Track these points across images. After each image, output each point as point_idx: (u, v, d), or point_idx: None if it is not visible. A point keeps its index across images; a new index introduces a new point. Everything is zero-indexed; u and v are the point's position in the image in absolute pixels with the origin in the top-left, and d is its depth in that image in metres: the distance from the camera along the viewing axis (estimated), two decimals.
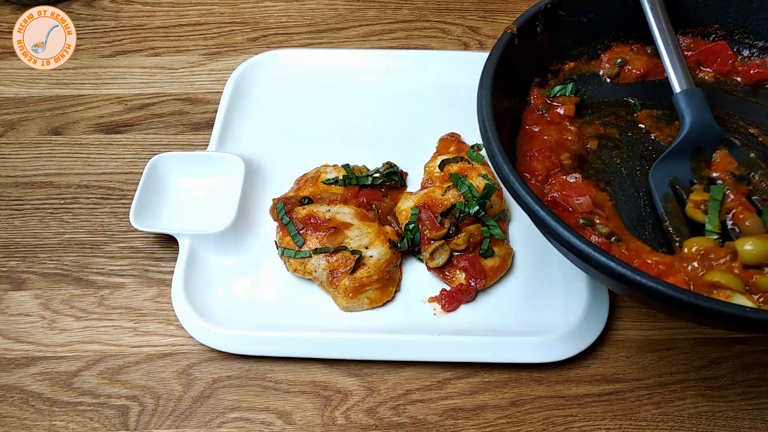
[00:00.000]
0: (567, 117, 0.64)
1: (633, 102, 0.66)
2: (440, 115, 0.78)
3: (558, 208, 0.55)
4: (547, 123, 0.63)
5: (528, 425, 0.58)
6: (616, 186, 0.59)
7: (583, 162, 0.61)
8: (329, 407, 0.59)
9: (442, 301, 0.63)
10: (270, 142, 0.77)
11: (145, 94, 0.84)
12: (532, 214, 0.49)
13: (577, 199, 0.55)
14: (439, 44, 0.90)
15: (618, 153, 0.62)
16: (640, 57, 0.68)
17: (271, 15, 0.94)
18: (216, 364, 0.62)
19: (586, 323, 0.61)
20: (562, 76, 0.67)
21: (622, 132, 0.64)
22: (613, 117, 0.65)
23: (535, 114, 0.64)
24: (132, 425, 0.59)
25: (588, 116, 0.65)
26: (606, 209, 0.56)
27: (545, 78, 0.66)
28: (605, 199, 0.57)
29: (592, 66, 0.68)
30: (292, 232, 0.64)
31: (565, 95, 0.64)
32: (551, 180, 0.57)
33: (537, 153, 0.59)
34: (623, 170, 0.61)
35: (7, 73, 0.87)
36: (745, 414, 0.59)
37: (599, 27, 0.68)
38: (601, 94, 0.67)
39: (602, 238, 0.53)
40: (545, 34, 0.64)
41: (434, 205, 0.65)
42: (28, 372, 0.62)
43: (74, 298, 0.66)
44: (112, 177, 0.76)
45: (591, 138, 0.63)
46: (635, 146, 0.63)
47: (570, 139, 0.62)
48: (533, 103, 0.64)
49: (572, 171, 0.59)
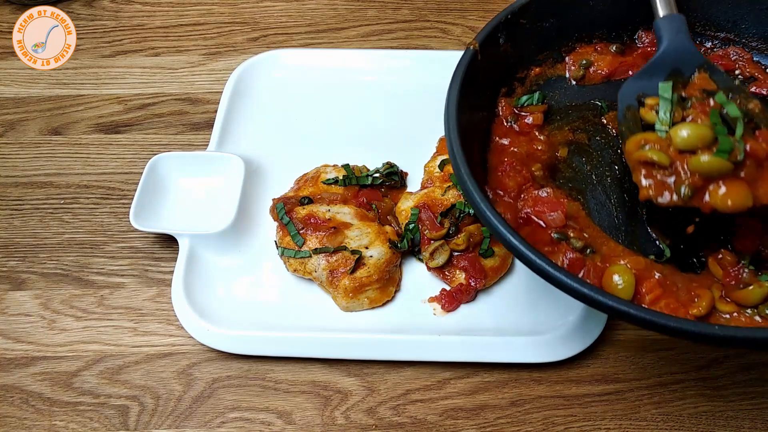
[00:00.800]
0: (536, 126, 0.63)
1: (600, 104, 0.65)
2: (440, 115, 0.77)
3: (531, 224, 0.56)
4: (516, 134, 0.63)
5: (528, 425, 0.58)
6: (588, 194, 0.59)
7: (554, 171, 0.61)
8: (329, 407, 0.59)
9: (442, 301, 0.63)
10: (270, 142, 0.77)
11: (145, 94, 0.84)
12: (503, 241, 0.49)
13: (550, 215, 0.55)
14: (439, 44, 0.90)
15: (587, 159, 0.62)
16: (605, 56, 0.67)
17: (271, 15, 0.94)
18: (216, 364, 0.62)
19: (586, 323, 0.61)
20: (528, 82, 0.66)
21: (590, 137, 0.63)
22: (581, 121, 0.64)
23: (503, 126, 0.63)
24: (132, 425, 0.59)
25: (557, 122, 0.64)
26: (579, 220, 0.56)
27: (512, 86, 0.66)
28: (578, 209, 0.57)
29: (558, 69, 0.68)
30: (292, 232, 0.64)
31: (532, 104, 0.64)
32: (523, 195, 0.57)
33: (508, 168, 0.59)
34: (594, 177, 0.60)
35: (7, 73, 0.87)
36: (745, 414, 0.59)
37: (562, 30, 0.67)
38: (568, 98, 0.66)
39: (576, 253, 0.53)
40: (508, 44, 0.63)
41: (434, 205, 0.65)
42: (28, 372, 0.62)
43: (74, 298, 0.66)
44: (112, 177, 0.76)
45: (561, 145, 0.63)
46: (604, 151, 0.62)
47: (540, 149, 0.61)
48: (502, 114, 0.63)
49: (544, 183, 0.58)
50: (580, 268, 0.52)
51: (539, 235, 0.54)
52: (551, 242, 0.54)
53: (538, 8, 0.64)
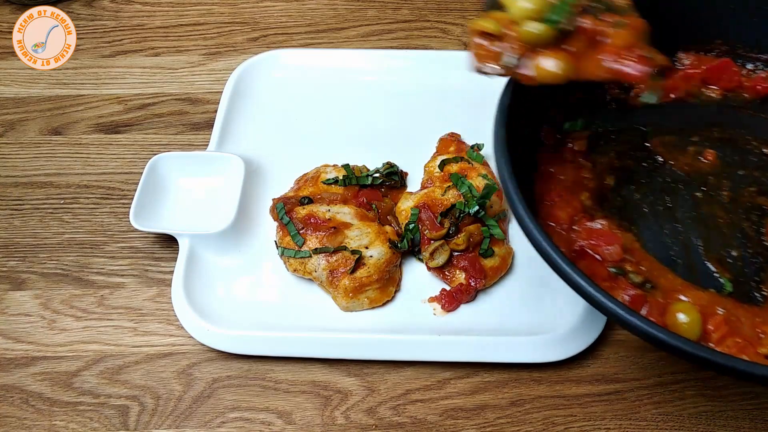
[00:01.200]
0: (580, 152, 0.62)
1: (644, 129, 0.64)
2: (440, 115, 0.78)
3: (586, 258, 0.54)
4: (561, 161, 0.61)
5: (528, 425, 0.58)
6: (640, 224, 0.57)
7: (603, 200, 0.59)
8: (329, 407, 0.59)
9: (442, 301, 0.63)
10: (270, 142, 0.77)
11: (145, 94, 0.84)
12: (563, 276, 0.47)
13: (607, 248, 0.53)
14: (439, 44, 0.90)
15: (637, 187, 0.60)
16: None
17: (271, 15, 0.94)
18: (216, 364, 0.62)
19: (586, 323, 0.61)
20: (570, 107, 0.65)
21: (637, 163, 0.62)
22: (626, 147, 0.63)
23: (548, 153, 0.62)
24: (132, 425, 0.59)
25: (601, 148, 0.63)
26: (635, 252, 0.55)
27: (553, 113, 0.64)
28: (632, 240, 0.55)
29: (599, 94, 0.66)
30: (292, 232, 0.64)
31: (575, 130, 0.62)
32: (576, 227, 0.55)
33: (557, 198, 0.57)
34: (645, 206, 0.59)
35: (7, 73, 0.87)
36: (745, 414, 0.59)
37: None
38: (610, 122, 0.65)
39: (636, 289, 0.51)
40: None
41: (434, 205, 0.65)
42: (28, 372, 0.62)
43: (74, 298, 0.66)
44: (112, 177, 0.76)
45: (607, 173, 0.61)
46: (653, 178, 0.61)
47: (587, 177, 0.60)
48: (545, 142, 0.62)
49: (593, 212, 0.57)
50: (641, 305, 0.50)
51: (595, 269, 0.53)
52: (609, 277, 0.52)
53: None
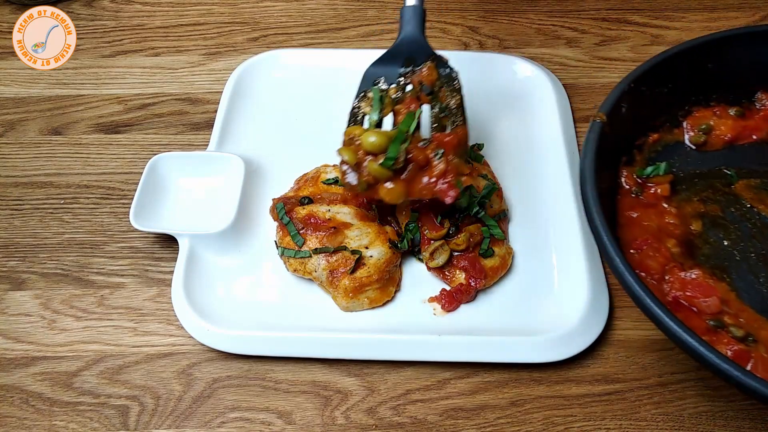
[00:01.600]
0: (663, 197, 0.61)
1: (728, 172, 0.63)
2: None
3: (682, 309, 0.53)
4: (644, 206, 0.60)
5: (528, 425, 0.58)
6: (733, 273, 0.56)
7: (691, 248, 0.58)
8: (329, 407, 0.59)
9: (442, 301, 0.63)
10: (270, 142, 0.77)
11: (145, 94, 0.84)
12: (665, 330, 0.46)
13: (704, 301, 0.52)
14: (439, 44, 0.90)
15: (725, 234, 0.59)
16: (725, 120, 0.65)
17: (271, 15, 0.94)
18: (216, 364, 0.62)
19: (586, 323, 0.61)
20: (647, 149, 0.65)
21: (723, 208, 0.61)
22: (710, 191, 0.62)
23: (629, 197, 0.61)
24: (132, 425, 0.59)
25: (683, 192, 0.62)
26: (731, 303, 0.53)
27: (632, 155, 0.64)
28: (726, 290, 0.54)
29: (675, 135, 0.66)
30: (292, 232, 0.64)
31: (658, 174, 0.62)
32: (668, 277, 0.54)
33: (644, 246, 0.56)
34: (736, 253, 0.58)
35: (7, 73, 0.87)
36: (745, 414, 0.59)
37: (679, 93, 0.66)
38: (690, 165, 0.64)
39: (738, 344, 0.50)
40: (629, 111, 0.61)
41: (434, 205, 0.65)
42: (28, 372, 0.62)
43: (74, 298, 0.66)
44: (112, 177, 0.76)
45: (693, 218, 0.60)
46: (741, 224, 0.60)
47: (672, 223, 0.59)
48: (626, 185, 0.61)
49: (683, 260, 0.56)
50: (746, 360, 0.49)
51: (693, 321, 0.51)
52: (708, 331, 0.51)
53: (658, 73, 0.63)
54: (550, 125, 0.76)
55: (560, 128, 0.75)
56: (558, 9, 0.94)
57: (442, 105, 0.65)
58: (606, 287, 0.64)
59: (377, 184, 0.60)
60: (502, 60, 0.83)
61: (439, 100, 0.65)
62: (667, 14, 0.93)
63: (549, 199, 0.70)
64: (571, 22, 0.92)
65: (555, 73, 0.84)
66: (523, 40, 0.90)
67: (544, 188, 0.72)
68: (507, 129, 0.78)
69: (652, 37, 0.90)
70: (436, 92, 0.66)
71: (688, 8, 0.93)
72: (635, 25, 0.92)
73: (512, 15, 0.93)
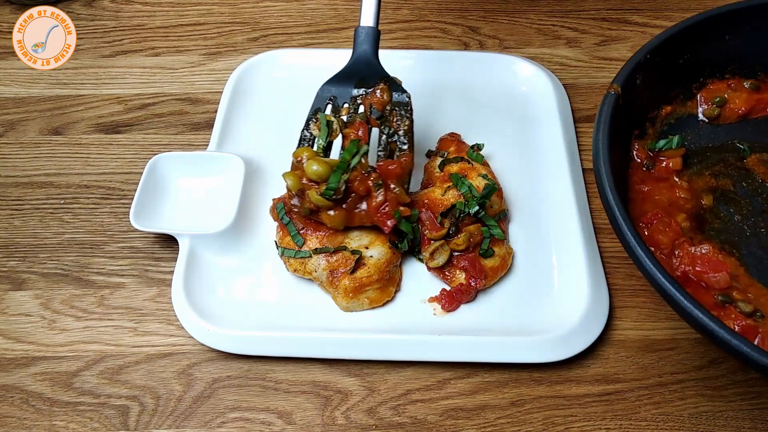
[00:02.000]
0: (674, 171, 0.61)
1: (741, 147, 0.63)
2: (440, 115, 0.78)
3: (691, 284, 0.52)
4: (655, 180, 0.60)
5: (528, 425, 0.58)
6: (742, 248, 0.56)
7: (701, 222, 0.58)
8: (329, 407, 0.59)
9: (442, 301, 0.63)
10: (270, 142, 0.77)
11: (145, 94, 0.84)
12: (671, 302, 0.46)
13: (714, 276, 0.52)
14: (439, 44, 0.90)
15: (736, 208, 0.59)
16: (740, 94, 0.65)
17: (271, 15, 0.94)
18: (216, 364, 0.62)
19: (586, 323, 0.61)
20: (659, 122, 0.64)
21: (735, 182, 0.61)
22: (721, 165, 0.62)
23: (640, 170, 0.61)
24: (132, 425, 0.58)
25: (695, 166, 0.62)
26: (740, 278, 0.53)
27: (644, 128, 0.63)
28: (735, 265, 0.54)
29: (689, 107, 0.66)
30: (292, 232, 0.64)
31: (671, 148, 0.61)
32: (678, 252, 0.54)
33: (654, 220, 0.56)
34: (746, 228, 0.57)
35: (7, 73, 0.87)
36: (745, 414, 0.59)
37: (694, 66, 0.65)
38: (703, 139, 0.64)
39: (747, 319, 0.49)
40: (643, 84, 0.61)
41: (434, 205, 0.65)
42: (28, 372, 0.62)
43: (74, 298, 0.66)
44: (112, 177, 0.76)
45: (704, 192, 0.60)
46: (753, 199, 0.59)
47: (683, 197, 0.59)
48: (637, 159, 0.61)
49: (692, 234, 0.56)
50: (754, 335, 0.49)
51: (702, 297, 0.51)
52: (716, 306, 0.51)
53: (674, 45, 0.62)
54: (550, 125, 0.76)
55: (560, 128, 0.75)
56: (558, 9, 0.94)
57: (390, 130, 0.66)
58: (606, 287, 0.64)
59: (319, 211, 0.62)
60: (502, 60, 0.83)
61: (389, 124, 0.66)
62: (667, 14, 0.93)
63: (549, 199, 0.70)
64: (571, 22, 0.92)
65: (555, 73, 0.84)
66: (523, 40, 0.90)
67: (544, 188, 0.72)
68: (507, 129, 0.78)
69: (652, 37, 0.90)
70: (387, 116, 0.67)
71: (688, 8, 0.93)
72: (635, 25, 0.92)
73: (512, 15, 0.93)
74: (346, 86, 0.69)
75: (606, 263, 0.66)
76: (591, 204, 0.71)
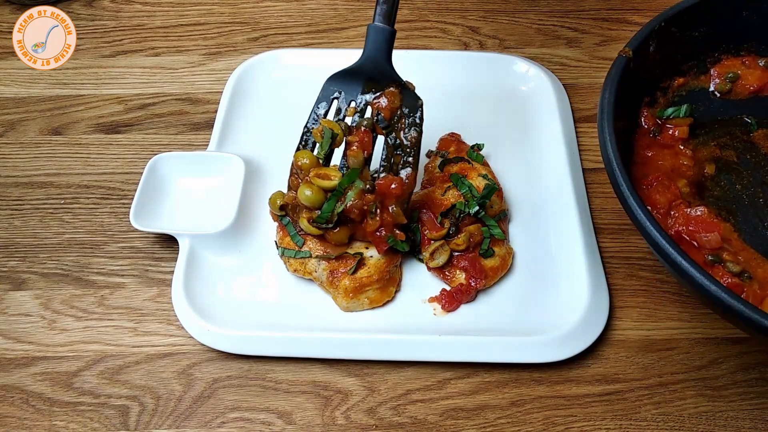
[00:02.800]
0: (680, 139, 0.61)
1: (749, 121, 0.64)
2: (440, 115, 0.78)
3: (683, 243, 0.54)
4: (660, 146, 0.61)
5: (528, 425, 0.58)
6: (739, 215, 0.57)
7: (701, 189, 0.59)
8: (329, 407, 0.59)
9: (443, 301, 0.63)
10: (270, 142, 0.77)
11: (145, 94, 0.84)
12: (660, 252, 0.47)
13: (705, 236, 0.53)
14: (439, 44, 0.90)
15: (737, 178, 0.60)
16: (753, 71, 0.66)
17: (271, 15, 0.94)
18: (216, 364, 0.62)
19: (586, 323, 0.61)
20: (671, 92, 0.65)
21: (739, 154, 0.62)
22: (728, 138, 0.63)
23: (647, 137, 0.61)
24: (132, 425, 0.59)
25: (702, 137, 0.63)
26: (732, 242, 0.55)
27: (654, 96, 0.64)
28: (730, 231, 0.55)
29: (702, 81, 0.66)
30: (292, 233, 0.64)
31: (678, 117, 0.62)
32: (674, 213, 0.55)
33: (655, 182, 0.57)
34: (745, 197, 0.59)
35: (7, 73, 0.87)
36: (745, 414, 0.59)
37: (710, 40, 0.65)
38: (713, 111, 0.65)
39: (733, 278, 0.51)
40: (657, 52, 0.61)
41: (434, 205, 0.65)
42: (28, 372, 0.62)
43: (74, 298, 0.66)
44: (112, 177, 0.76)
45: (707, 162, 0.61)
46: (755, 171, 0.61)
47: (686, 164, 0.60)
48: (645, 125, 0.62)
49: (691, 199, 0.57)
50: (739, 293, 0.49)
51: (692, 255, 0.52)
52: (705, 264, 0.52)
53: (691, 16, 0.62)
54: (550, 125, 0.76)
55: (560, 128, 0.75)
56: (558, 9, 0.94)
57: (396, 141, 0.63)
58: (606, 287, 0.64)
59: None
60: (502, 60, 0.83)
61: (396, 134, 0.63)
62: None
63: (549, 199, 0.70)
64: (571, 22, 0.92)
65: (555, 73, 0.84)
66: (523, 40, 0.90)
67: (544, 188, 0.72)
68: (507, 129, 0.78)
69: None
70: (394, 123, 0.64)
71: None
72: (635, 25, 0.92)
73: (512, 15, 0.93)
74: (354, 84, 0.65)
75: (606, 263, 0.66)
76: (591, 204, 0.71)
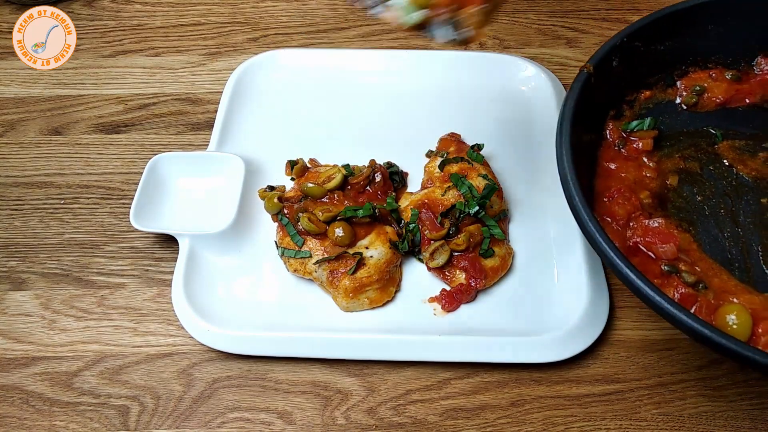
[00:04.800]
0: (645, 151, 0.62)
1: (714, 132, 0.64)
2: (440, 115, 0.78)
3: (640, 254, 0.54)
4: (624, 159, 0.61)
5: (528, 425, 0.58)
6: (699, 226, 0.58)
7: (663, 200, 0.60)
8: (329, 407, 0.59)
9: (442, 301, 0.63)
10: (270, 142, 0.77)
11: (145, 94, 0.84)
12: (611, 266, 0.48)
13: (662, 246, 0.54)
14: (439, 44, 0.90)
15: (699, 189, 0.61)
16: (720, 83, 0.66)
17: (271, 15, 0.94)
18: (216, 364, 0.62)
19: (586, 323, 0.61)
20: (637, 105, 0.65)
21: (703, 166, 0.62)
22: (692, 149, 0.63)
23: (611, 150, 0.62)
24: (132, 425, 0.59)
25: (666, 149, 0.63)
26: (691, 252, 0.55)
27: (620, 109, 0.64)
28: (689, 241, 0.56)
29: (668, 94, 0.67)
30: (292, 233, 0.64)
31: (642, 129, 0.62)
32: (633, 224, 0.55)
33: (616, 194, 0.57)
34: (706, 209, 0.59)
35: (7, 73, 0.87)
36: (745, 414, 0.59)
37: (676, 53, 0.65)
38: (679, 124, 0.65)
39: (687, 288, 0.51)
40: (621, 66, 0.62)
41: (434, 205, 0.65)
42: (28, 372, 0.62)
43: (74, 298, 0.66)
44: (112, 177, 0.76)
45: (671, 173, 0.61)
46: (717, 182, 0.61)
47: (649, 176, 0.60)
48: (609, 138, 0.62)
49: (653, 211, 0.57)
50: (691, 304, 0.51)
51: (648, 266, 0.53)
52: (661, 275, 0.53)
53: (654, 31, 0.63)
54: (550, 125, 0.76)
55: None
56: (558, 9, 0.94)
57: None
58: (606, 287, 0.64)
59: None
60: (502, 60, 0.83)
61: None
62: None
63: (549, 199, 0.70)
64: (571, 22, 0.92)
65: (555, 73, 0.84)
66: (523, 40, 0.90)
67: (544, 188, 0.72)
68: (507, 129, 0.78)
69: None
70: None
71: None
72: None
73: (512, 15, 0.93)
74: None
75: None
76: None
